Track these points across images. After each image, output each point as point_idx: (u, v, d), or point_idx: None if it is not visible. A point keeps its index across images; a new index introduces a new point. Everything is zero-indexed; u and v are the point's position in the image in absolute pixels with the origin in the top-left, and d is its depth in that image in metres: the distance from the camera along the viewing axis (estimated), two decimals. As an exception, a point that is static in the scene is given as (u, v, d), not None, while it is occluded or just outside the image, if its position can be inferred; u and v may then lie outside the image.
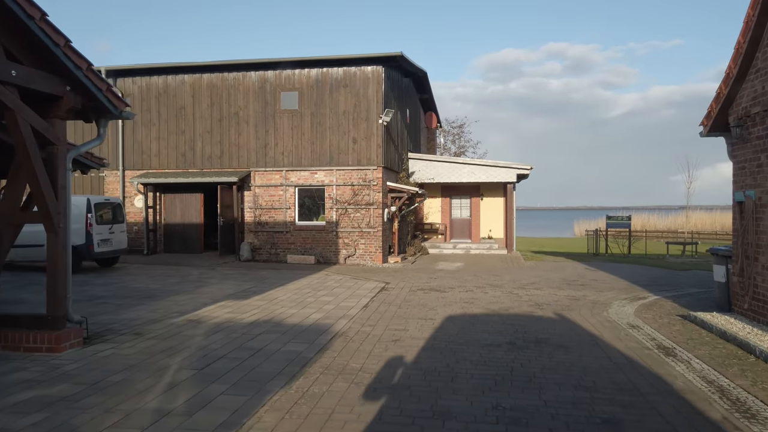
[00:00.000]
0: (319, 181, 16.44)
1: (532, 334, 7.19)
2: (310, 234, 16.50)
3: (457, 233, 23.22)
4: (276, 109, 16.65)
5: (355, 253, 16.27)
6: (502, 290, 11.05)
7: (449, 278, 12.91)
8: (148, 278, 12.53)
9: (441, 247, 21.22)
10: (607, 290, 11.16)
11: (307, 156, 16.48)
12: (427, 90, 23.43)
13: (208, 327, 7.45)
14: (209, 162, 17.07)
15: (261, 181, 16.81)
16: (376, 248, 16.15)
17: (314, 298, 9.99)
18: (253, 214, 16.81)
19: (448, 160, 20.61)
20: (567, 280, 12.83)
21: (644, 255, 24.59)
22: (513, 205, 20.72)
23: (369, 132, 16.10)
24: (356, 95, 16.19)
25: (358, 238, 16.25)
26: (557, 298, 10.08)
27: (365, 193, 16.20)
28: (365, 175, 16.19)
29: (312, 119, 16.44)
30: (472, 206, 22.99)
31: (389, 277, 13.19)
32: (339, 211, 16.32)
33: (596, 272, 14.57)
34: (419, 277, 13.06)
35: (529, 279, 12.92)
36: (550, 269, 15.39)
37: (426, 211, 23.29)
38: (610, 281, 12.61)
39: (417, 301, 9.66)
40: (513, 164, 20.01)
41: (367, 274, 13.79)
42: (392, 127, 17.56)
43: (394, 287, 11.41)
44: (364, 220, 16.22)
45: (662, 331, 7.38)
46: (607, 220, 25.39)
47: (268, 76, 16.69)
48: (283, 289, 11.08)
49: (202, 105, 17.12)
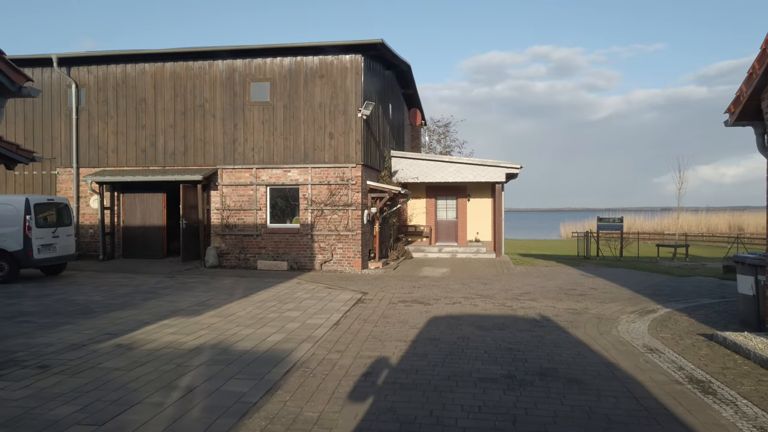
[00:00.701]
0: (292, 179, 15.07)
1: (535, 361, 5.92)
2: (282, 237, 15.11)
3: (443, 236, 21.98)
4: (246, 101, 15.24)
5: (332, 258, 14.91)
6: (494, 302, 9.79)
7: (434, 287, 11.62)
8: (93, 289, 11.03)
9: (426, 251, 19.96)
10: (610, 301, 9.96)
11: (280, 152, 15.09)
12: (411, 85, 22.17)
13: (138, 355, 6.04)
14: (172, 159, 15.58)
15: (229, 179, 15.37)
16: (354, 253, 14.81)
17: (278, 313, 8.62)
18: (221, 215, 15.36)
19: (434, 158, 19.37)
20: (563, 288, 11.63)
21: (637, 258, 23.64)
22: (502, 206, 19.55)
23: (347, 127, 14.77)
24: (333, 86, 14.85)
25: (336, 242, 14.90)
26: (557, 312, 8.84)
27: (343, 193, 14.86)
28: (343, 174, 14.85)
29: (285, 112, 15.06)
30: (458, 207, 21.77)
31: (368, 285, 11.87)
32: (314, 213, 14.96)
33: (593, 279, 13.41)
34: (401, 286, 11.76)
35: (522, 288, 11.69)
36: (543, 276, 14.20)
37: (410, 213, 22.02)
38: (610, 290, 11.44)
39: (397, 317, 8.35)
40: (502, 163, 18.83)
41: (343, 282, 12.44)
42: (373, 122, 16.25)
43: (372, 299, 10.08)
44: (341, 223, 14.87)
45: (688, 357, 6.16)
46: (599, 222, 24.35)
47: (236, 65, 15.27)
48: (245, 301, 9.68)
49: (164, 96, 15.63)
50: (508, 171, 18.87)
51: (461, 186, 21.48)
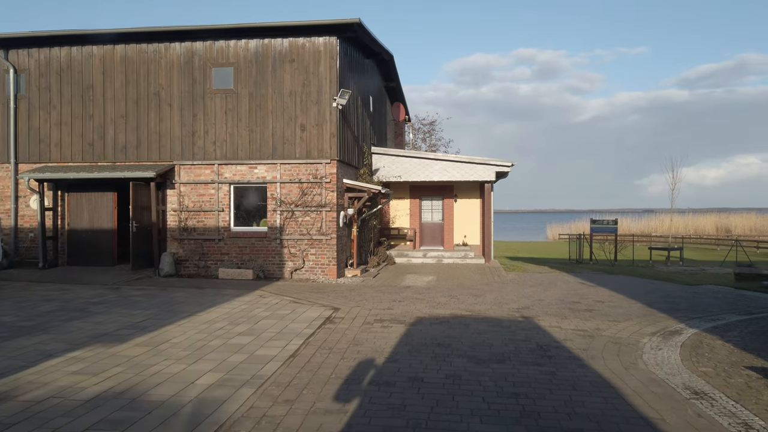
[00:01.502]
0: (259, 177, 13.40)
1: (551, 416, 4.38)
2: (248, 242, 13.42)
3: (428, 239, 20.46)
4: (206, 89, 13.53)
5: (304, 265, 13.27)
6: (488, 321, 8.25)
7: (417, 301, 10.06)
8: (12, 306, 9.25)
9: (409, 256, 18.41)
10: (623, 318, 8.49)
11: (245, 146, 13.41)
12: (393, 77, 20.62)
13: (6, 412, 4.37)
14: (123, 153, 13.80)
15: (187, 176, 13.64)
16: (329, 259, 13.19)
17: (225, 339, 6.97)
18: (178, 217, 13.62)
19: (418, 155, 17.84)
20: (565, 301, 10.15)
21: (632, 263, 22.40)
22: (491, 207, 18.09)
23: (321, 118, 13.15)
24: (305, 72, 13.22)
25: (308, 247, 13.26)
26: (565, 335, 7.33)
27: (316, 192, 13.23)
28: (316, 171, 13.22)
29: (251, 101, 13.39)
30: (444, 209, 20.27)
31: (341, 299, 10.26)
32: (284, 215, 13.31)
33: (596, 289, 11.97)
34: (380, 299, 10.17)
35: (519, 301, 10.19)
36: (539, 284, 12.73)
37: (392, 215, 20.45)
38: (619, 303, 9.99)
39: (370, 345, 6.76)
40: (491, 160, 17.37)
41: (314, 294, 10.81)
42: (350, 114, 14.65)
43: (343, 317, 8.47)
44: (314, 226, 13.24)
45: (750, 405, 4.68)
46: (592, 225, 23.07)
47: (196, 48, 13.56)
48: (188, 322, 8.01)
49: (114, 83, 13.85)
50: (499, 169, 17.42)
51: (448, 185, 20.00)
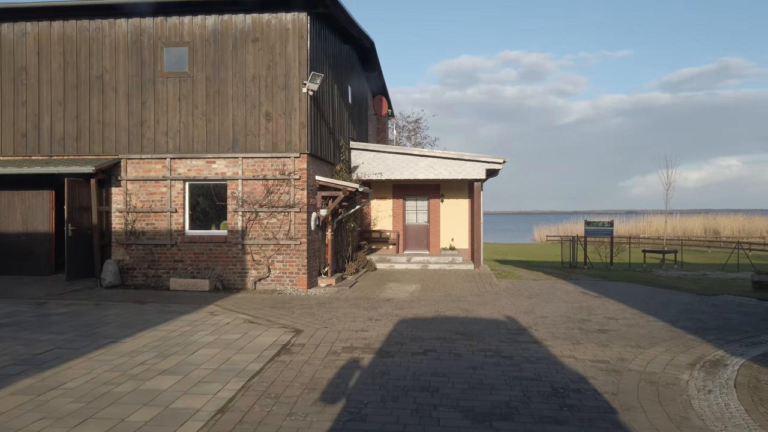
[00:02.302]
0: (218, 173, 11.68)
1: None
2: (205, 248, 11.69)
3: (413, 243, 18.87)
4: (157, 72, 11.77)
5: (269, 274, 11.56)
6: (484, 349, 6.65)
7: (399, 319, 8.43)
8: None
9: (392, 261, 16.80)
10: (648, 343, 6.97)
11: (202, 138, 11.69)
12: (375, 67, 19.02)
13: None
14: (61, 146, 11.97)
15: (136, 172, 11.87)
16: (298, 267, 11.51)
17: (140, 381, 5.27)
18: (125, 219, 11.83)
19: (401, 151, 16.25)
20: (572, 318, 8.62)
21: (628, 267, 21.07)
22: (481, 208, 16.57)
23: (289, 105, 11.48)
24: (270, 53, 11.54)
25: (274, 253, 11.56)
26: (583, 368, 5.76)
27: (284, 190, 11.55)
28: (284, 166, 11.54)
29: (208, 86, 11.67)
30: (430, 210, 18.70)
31: (308, 316, 8.59)
32: (247, 216, 11.60)
33: (602, 301, 10.48)
34: (353, 317, 8.52)
35: (518, 317, 8.62)
36: (537, 295, 11.20)
37: (374, 216, 18.83)
38: (634, 320, 8.48)
39: (333, 389, 5.11)
40: (481, 157, 15.85)
41: (276, 310, 9.13)
42: (324, 103, 13.00)
43: (305, 343, 6.82)
44: (281, 229, 11.55)
45: None
46: (587, 227, 21.69)
47: (145, 26, 11.80)
48: (104, 354, 6.29)
49: (51, 65, 12.03)
50: (489, 167, 15.90)
51: (434, 184, 18.44)
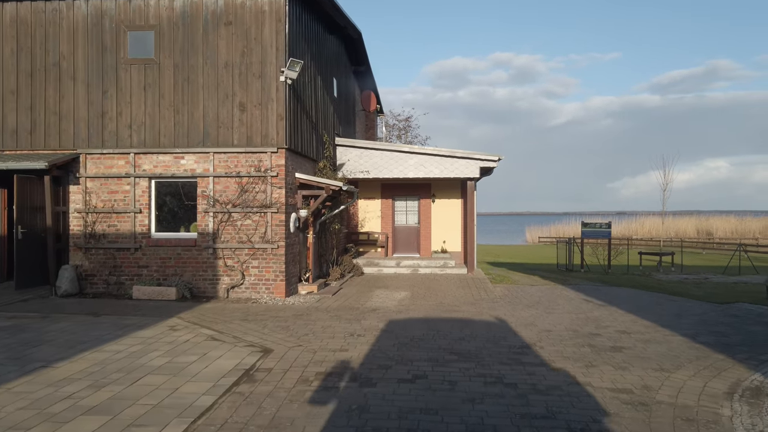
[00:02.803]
0: (187, 169, 10.61)
1: None
2: (173, 252, 10.61)
3: (402, 245, 17.87)
4: (120, 59, 10.68)
5: (244, 281, 10.51)
6: (483, 370, 5.67)
7: (385, 334, 7.42)
8: None
9: (380, 265, 15.80)
10: (671, 364, 6.01)
11: (169, 131, 10.61)
12: (362, 60, 18.02)
13: None
14: (13, 139, 10.84)
15: (96, 169, 10.76)
16: (275, 274, 10.46)
17: (58, 422, 4.21)
18: (84, 221, 10.72)
19: (390, 147, 15.25)
20: (579, 331, 7.66)
21: (626, 270, 20.23)
22: (474, 209, 15.63)
23: (265, 95, 10.44)
24: (245, 38, 10.50)
25: (249, 258, 10.50)
26: (603, 400, 4.78)
27: (259, 188, 10.50)
28: (259, 162, 10.49)
29: (176, 74, 10.60)
30: (421, 210, 17.73)
31: (282, 331, 7.56)
32: (219, 217, 10.54)
33: (608, 310, 9.54)
34: (332, 332, 7.50)
35: (519, 332, 7.65)
36: (537, 303, 10.24)
37: (361, 217, 17.82)
38: (649, 333, 7.54)
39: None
40: (475, 154, 14.90)
41: (247, 323, 8.09)
42: (305, 94, 11.97)
43: (272, 367, 5.78)
44: (257, 231, 10.50)
45: None
46: (583, 228, 20.82)
47: (107, 7, 10.70)
48: (29, 381, 5.21)
49: (3, 51, 10.89)
50: (483, 164, 14.96)
51: (425, 183, 17.46)
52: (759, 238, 43.46)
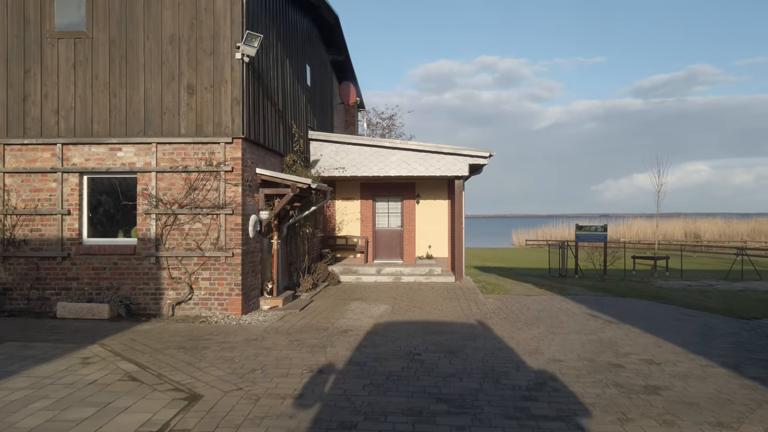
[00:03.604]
0: (126, 163, 8.94)
1: None
2: (108, 261, 8.92)
3: (384, 251, 16.33)
4: (45, 32, 8.99)
5: (192, 295, 8.86)
6: (482, 429, 4.13)
7: (354, 368, 5.87)
8: None
9: (359, 273, 14.23)
10: (729, 414, 4.55)
11: (104, 118, 8.94)
12: (341, 48, 16.48)
13: None
14: None
15: (16, 162, 9.04)
16: (230, 287, 8.83)
17: None
18: (1, 224, 8.99)
19: (370, 142, 13.72)
20: (596, 361, 6.18)
21: (623, 276, 18.95)
22: (462, 210, 14.15)
23: (218, 76, 8.83)
24: (194, 8, 8.87)
25: (199, 268, 8.87)
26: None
27: (211, 186, 8.87)
28: (211, 155, 8.87)
29: (113, 51, 8.94)
30: (404, 212, 16.20)
31: (223, 364, 5.95)
32: (163, 220, 8.88)
33: (621, 329, 8.11)
34: (288, 366, 5.92)
35: (523, 361, 6.15)
36: (537, 319, 8.77)
37: (339, 220, 16.24)
38: (682, 364, 6.09)
39: None
40: (464, 150, 13.43)
41: (183, 353, 6.46)
42: (270, 77, 10.38)
43: (191, 430, 4.19)
44: (209, 236, 8.87)
45: None
46: (578, 231, 19.48)
47: (29, -30, 9.01)
48: None
49: None
50: (473, 161, 13.49)
51: (408, 182, 15.95)
52: (747, 240, 42.83)
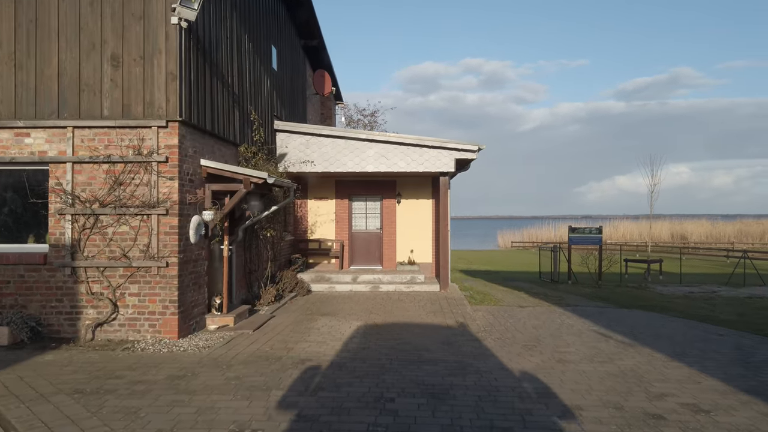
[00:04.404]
0: (35, 152, 7.24)
1: None
2: (12, 273, 7.21)
3: (361, 256, 14.75)
4: (-66, -12, 7.25)
5: (117, 315, 7.19)
6: None
7: (300, 424, 4.29)
8: None
9: (332, 281, 12.65)
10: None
11: (8, 96, 7.23)
12: (314, 32, 14.89)
13: None
14: None
15: None
16: (164, 304, 7.18)
17: None
18: None
19: (343, 134, 12.13)
20: (624, 409, 4.69)
21: (619, 281, 17.66)
22: (448, 211, 12.66)
23: (150, 45, 7.17)
24: (120, -40, 7.22)
25: (126, 281, 7.20)
26: None
27: (141, 179, 7.21)
28: (141, 141, 7.21)
29: (19, 13, 7.23)
30: (384, 213, 14.65)
31: (126, 418, 4.34)
32: (82, 222, 7.19)
33: (640, 353, 6.66)
34: (213, 421, 4.33)
35: (529, 412, 4.64)
36: (537, 341, 7.29)
37: (311, 222, 14.62)
38: (738, 412, 4.64)
39: None
40: (450, 143, 11.94)
41: (77, 401, 4.82)
42: (221, 52, 8.74)
43: None
44: (138, 243, 7.21)
45: None
46: (571, 234, 18.14)
47: None
48: None
49: None
50: (460, 155, 12.00)
51: (388, 180, 14.40)
52: (734, 242, 42.21)
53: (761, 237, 44.45)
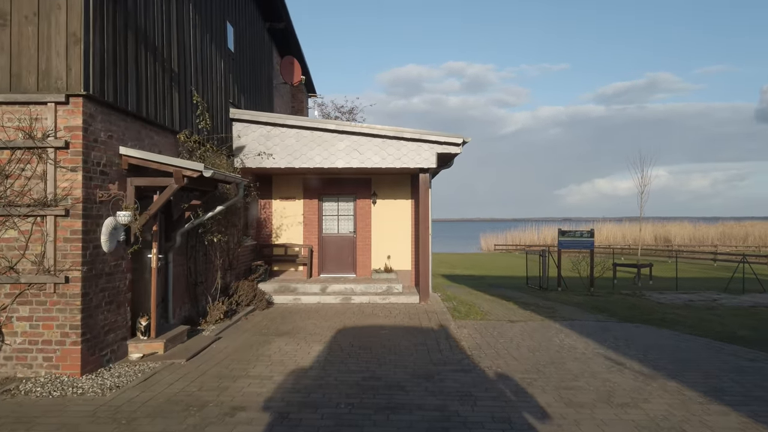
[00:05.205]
0: None
1: None
2: None
3: (332, 263, 13.22)
4: None
5: (2, 345, 5.57)
6: None
7: None
8: None
9: (298, 291, 11.11)
10: None
11: None
12: (280, 13, 13.34)
13: None
14: None
15: None
16: (65, 330, 5.58)
17: None
18: None
19: (309, 124, 10.61)
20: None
21: (612, 288, 16.46)
22: (428, 212, 11.23)
23: (47, 0, 5.59)
24: None
25: (14, 301, 5.59)
26: None
27: (33, 171, 5.61)
28: (34, 121, 5.60)
29: None
30: (357, 215, 13.14)
31: None
32: (-41, 225, 5.56)
33: (666, 388, 5.30)
34: None
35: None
36: (536, 371, 5.89)
37: (276, 224, 13.05)
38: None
39: None
40: (431, 135, 10.52)
41: None
42: (149, 16, 7.17)
43: None
44: (30, 251, 5.60)
45: None
46: (561, 237, 16.88)
47: None
48: None
49: None
50: (442, 150, 10.58)
51: (362, 178, 12.91)
52: (718, 245, 41.74)
53: (744, 239, 44.10)
